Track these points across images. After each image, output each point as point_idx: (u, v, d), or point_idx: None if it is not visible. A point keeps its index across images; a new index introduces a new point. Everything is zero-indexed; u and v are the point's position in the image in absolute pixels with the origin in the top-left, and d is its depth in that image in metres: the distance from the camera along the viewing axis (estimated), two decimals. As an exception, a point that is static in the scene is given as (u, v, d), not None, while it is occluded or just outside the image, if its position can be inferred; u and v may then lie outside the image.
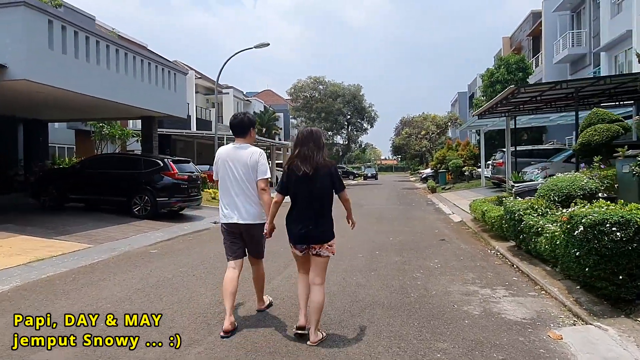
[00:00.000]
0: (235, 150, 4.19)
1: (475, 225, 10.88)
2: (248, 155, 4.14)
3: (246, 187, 4.14)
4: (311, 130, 3.95)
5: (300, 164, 3.79)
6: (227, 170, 4.17)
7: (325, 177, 3.81)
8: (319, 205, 3.82)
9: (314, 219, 3.80)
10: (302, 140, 3.86)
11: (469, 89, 55.13)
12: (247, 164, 4.13)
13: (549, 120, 21.45)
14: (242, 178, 4.14)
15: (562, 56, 24.78)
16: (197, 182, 13.03)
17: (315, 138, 3.87)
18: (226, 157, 4.20)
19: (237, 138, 4.28)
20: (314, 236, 3.81)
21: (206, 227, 11.76)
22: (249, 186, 4.15)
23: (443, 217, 13.73)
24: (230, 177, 4.16)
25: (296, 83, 36.19)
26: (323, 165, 3.82)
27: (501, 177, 19.19)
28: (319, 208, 3.82)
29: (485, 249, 8.04)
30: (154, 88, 13.48)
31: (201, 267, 6.69)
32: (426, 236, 9.67)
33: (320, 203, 3.82)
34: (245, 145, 4.23)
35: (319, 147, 3.84)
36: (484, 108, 14.95)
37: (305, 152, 3.80)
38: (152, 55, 13.55)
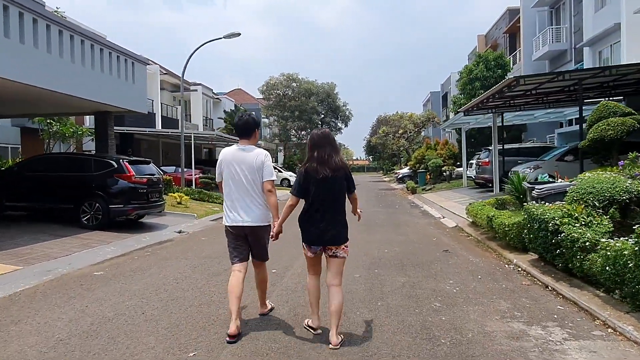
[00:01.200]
0: (240, 152, 4.16)
1: (476, 231, 9.71)
2: (254, 157, 4.12)
3: (252, 188, 4.10)
4: (325, 132, 3.99)
5: (319, 167, 3.79)
6: (232, 172, 4.13)
7: (342, 179, 3.86)
8: (337, 207, 3.86)
9: (331, 221, 3.83)
10: (318, 142, 3.87)
11: (442, 88, 54.82)
12: (253, 166, 4.10)
13: (533, 117, 20.72)
14: (248, 180, 4.10)
15: (542, 52, 24.21)
16: (158, 185, 11.39)
17: (331, 140, 3.92)
18: (231, 158, 4.15)
19: (241, 139, 4.24)
20: (331, 238, 3.83)
21: (169, 237, 10.16)
22: (255, 188, 4.11)
23: (434, 221, 12.55)
24: (235, 179, 4.12)
25: (268, 80, 34.56)
26: (340, 167, 3.84)
27: (487, 177, 18.24)
28: (337, 210, 3.86)
29: (501, 263, 6.82)
30: (109, 78, 11.74)
31: (155, 299, 5.16)
32: (425, 246, 8.41)
33: (337, 205, 3.87)
34: (250, 147, 4.20)
35: (335, 150, 3.89)
36: (475, 102, 13.88)
37: (323, 155, 3.81)
38: (105, 41, 11.80)
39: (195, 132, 20.69)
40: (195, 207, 15.36)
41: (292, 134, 39.25)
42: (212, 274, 6.34)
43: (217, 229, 11.67)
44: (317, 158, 3.84)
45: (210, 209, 15.57)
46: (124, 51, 12.39)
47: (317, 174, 3.80)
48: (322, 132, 4.00)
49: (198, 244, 9.34)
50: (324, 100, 38.93)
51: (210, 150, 35.44)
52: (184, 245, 9.23)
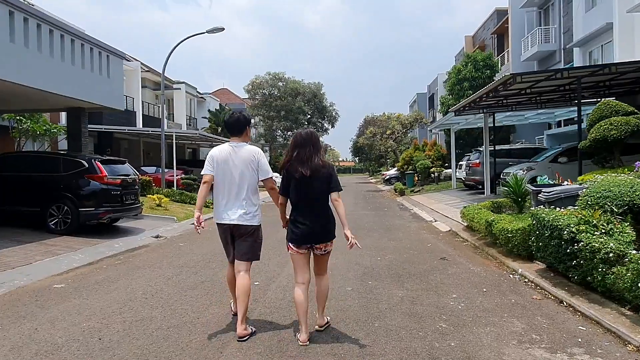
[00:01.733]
0: (233, 150, 4.10)
1: (472, 236, 9.18)
2: (248, 155, 4.08)
3: (244, 187, 4.06)
4: (309, 132, 3.97)
5: (299, 166, 3.80)
6: (224, 170, 4.07)
7: (324, 178, 3.84)
8: (320, 206, 3.86)
9: (318, 220, 3.84)
10: (301, 142, 3.88)
11: (428, 90, 54.63)
12: (248, 164, 4.06)
13: (523, 118, 20.40)
14: (241, 178, 4.06)
15: (531, 53, 23.96)
16: (134, 187, 10.63)
17: (314, 140, 3.91)
18: (226, 156, 4.09)
19: (232, 137, 4.19)
20: (320, 236, 3.87)
21: (144, 243, 9.43)
22: (247, 186, 4.07)
23: (426, 225, 12.01)
24: (228, 177, 4.07)
25: (254, 79, 33.74)
26: (322, 167, 3.83)
27: (478, 178, 17.82)
28: (321, 208, 3.87)
29: (505, 273, 6.27)
30: (81, 72, 10.93)
31: (117, 320, 4.46)
32: (420, 253, 7.83)
33: (321, 203, 3.86)
34: (242, 144, 4.15)
35: (317, 149, 3.88)
36: (468, 101, 13.40)
37: (303, 155, 3.82)
38: (77, 32, 10.98)
39: (177, 131, 19.87)
40: (175, 209, 14.60)
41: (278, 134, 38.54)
42: (187, 288, 5.66)
43: (196, 233, 10.95)
44: (297, 157, 3.84)
45: (191, 211, 14.80)
46: (98, 43, 11.59)
47: (295, 172, 3.81)
48: (306, 132, 3.98)
49: (175, 250, 8.63)
50: (311, 100, 38.29)
51: (194, 150, 34.54)
52: (159, 251, 8.51)
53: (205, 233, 11.50)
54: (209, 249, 8.60)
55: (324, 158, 3.95)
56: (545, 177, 8.58)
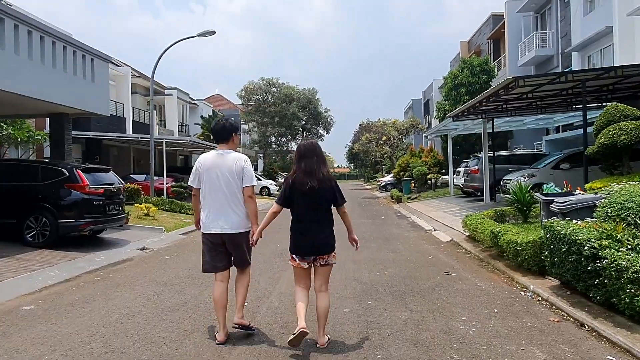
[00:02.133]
0: (219, 157, 4.09)
1: (475, 247, 8.71)
2: (233, 162, 4.06)
3: (231, 194, 4.04)
4: (313, 144, 4.00)
5: (306, 178, 3.80)
6: (210, 177, 4.05)
7: (329, 190, 3.87)
8: (325, 217, 3.90)
9: (322, 231, 3.85)
10: (305, 153, 3.89)
11: (423, 96, 54.38)
12: (233, 171, 4.04)
13: (522, 124, 20.05)
14: (227, 185, 4.03)
15: (528, 58, 23.69)
16: (118, 196, 10.08)
17: (318, 151, 3.94)
18: (210, 164, 4.08)
19: (219, 144, 4.18)
20: (324, 247, 3.86)
21: (128, 256, 8.87)
22: (234, 194, 4.05)
23: (425, 234, 11.53)
24: (214, 184, 4.04)
25: (247, 85, 33.24)
26: (327, 179, 3.84)
27: (476, 185, 17.41)
28: (325, 220, 3.90)
29: (515, 290, 5.79)
30: (63, 76, 10.42)
31: (85, 352, 3.92)
32: (422, 267, 7.34)
33: (325, 215, 3.90)
34: (229, 151, 4.14)
35: (322, 161, 3.92)
36: (467, 106, 12.99)
37: (310, 166, 3.83)
38: (58, 34, 10.46)
39: (168, 138, 19.31)
40: (164, 219, 14.03)
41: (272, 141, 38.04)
42: (168, 309, 5.13)
43: (185, 245, 10.42)
44: (304, 169, 3.83)
45: (181, 220, 14.26)
46: (81, 46, 11.08)
47: (303, 185, 3.79)
48: (309, 143, 3.98)
49: (160, 264, 8.09)
50: (305, 106, 37.85)
51: (186, 157, 33.96)
52: (143, 266, 7.96)
53: (194, 245, 11.00)
54: (196, 263, 8.02)
55: (328, 169, 3.97)
56: (552, 185, 8.14)
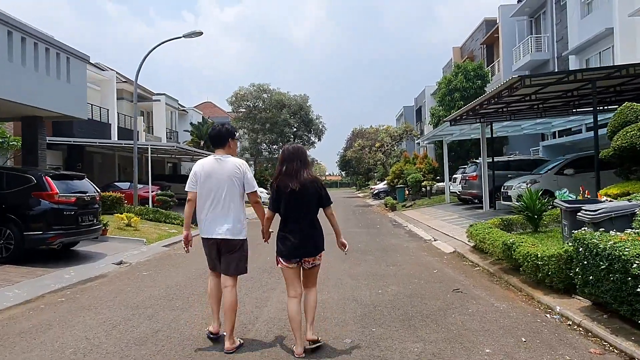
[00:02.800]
0: (217, 162, 4.06)
1: (482, 259, 8.00)
2: (232, 167, 4.03)
3: (231, 200, 4.01)
4: (297, 147, 4.04)
5: (287, 180, 3.84)
6: (209, 183, 4.02)
7: (312, 193, 3.88)
8: (309, 220, 3.90)
9: (306, 234, 3.87)
10: (288, 157, 3.93)
11: (415, 102, 54.01)
12: (232, 177, 4.01)
13: (519, 129, 19.52)
14: (226, 190, 4.00)
15: (523, 62, 23.25)
16: (93, 206, 9.23)
17: (301, 155, 3.97)
18: (209, 169, 4.04)
19: (216, 150, 4.14)
20: (308, 250, 3.88)
21: (102, 272, 8.03)
22: (232, 199, 4.02)
23: (425, 245, 10.80)
24: (212, 190, 4.01)
25: (237, 91, 32.45)
26: (310, 181, 3.88)
27: (475, 192, 16.76)
28: (310, 222, 3.90)
29: (537, 311, 5.06)
30: (35, 76, 9.63)
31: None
32: (428, 283, 6.60)
33: (309, 218, 3.90)
34: (226, 156, 4.10)
35: (304, 164, 3.94)
36: (467, 108, 12.37)
37: (292, 169, 3.86)
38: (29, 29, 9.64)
39: (153, 144, 18.45)
40: (147, 229, 13.16)
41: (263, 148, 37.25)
42: (134, 342, 4.31)
43: (166, 258, 9.58)
44: (286, 172, 3.87)
45: (165, 231, 13.40)
46: (55, 44, 10.29)
47: (285, 187, 3.83)
48: (293, 147, 4.03)
49: (136, 281, 7.26)
50: (297, 112, 37.16)
51: (175, 165, 33.05)
52: (117, 283, 7.13)
53: (176, 258, 10.16)
54: (176, 279, 7.25)
55: (312, 172, 3.98)
56: (566, 190, 7.49)
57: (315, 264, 3.95)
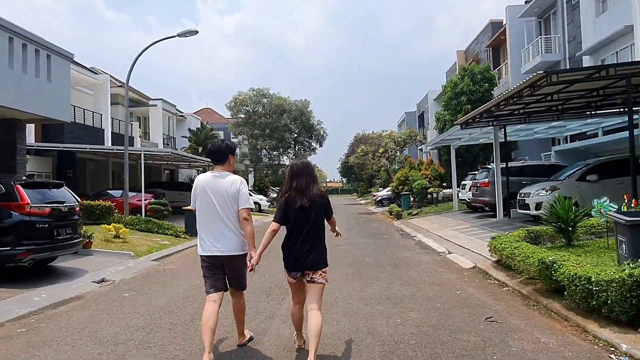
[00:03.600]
0: (214, 179, 4.10)
1: (508, 277, 7.05)
2: (228, 184, 4.06)
3: (226, 216, 4.04)
4: (305, 163, 4.13)
5: (297, 196, 3.93)
6: (206, 199, 4.07)
7: (320, 208, 3.99)
8: (315, 235, 3.95)
9: (309, 248, 3.90)
10: (297, 172, 4.01)
11: (418, 108, 53.23)
12: (228, 193, 4.05)
13: (532, 133, 18.61)
14: (223, 207, 4.04)
15: (533, 64, 22.36)
16: (71, 217, 8.28)
17: (310, 170, 4.06)
18: (205, 185, 4.08)
19: (215, 166, 4.19)
20: (308, 263, 3.91)
21: (78, 292, 7.08)
22: (230, 216, 4.05)
23: (440, 258, 9.84)
24: (209, 206, 4.05)
25: (237, 95, 31.60)
26: (318, 196, 3.97)
27: (487, 200, 15.81)
28: (315, 237, 3.95)
29: (597, 350, 4.10)
30: (10, 74, 8.73)
31: None
32: (452, 308, 5.64)
33: (316, 232, 3.96)
34: (225, 173, 4.15)
35: (313, 180, 4.02)
36: (483, 109, 11.47)
37: (302, 185, 3.95)
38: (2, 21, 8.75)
39: (147, 149, 17.53)
40: (137, 241, 12.21)
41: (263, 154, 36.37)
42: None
43: (154, 275, 8.63)
44: (296, 188, 3.95)
45: (157, 243, 12.45)
46: (34, 39, 9.42)
47: (294, 203, 3.90)
48: (301, 162, 4.11)
49: (114, 305, 6.30)
50: (298, 118, 36.27)
51: (172, 172, 32.13)
52: (91, 308, 6.17)
53: (165, 275, 9.18)
54: (161, 302, 6.30)
55: (320, 187, 4.05)
56: (606, 199, 6.54)
57: (316, 280, 3.93)
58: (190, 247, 12.71)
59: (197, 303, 6.15)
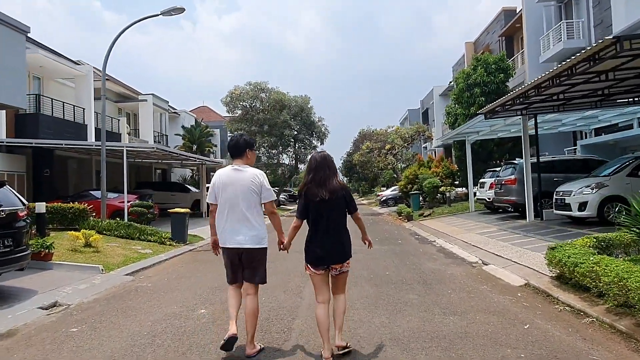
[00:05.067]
0: (234, 172, 4.15)
1: (585, 301, 5.28)
2: (249, 178, 4.10)
3: (247, 209, 4.06)
4: (324, 155, 4.10)
5: (317, 189, 3.92)
6: (227, 194, 4.10)
7: (341, 200, 3.98)
8: (338, 228, 3.97)
9: (334, 241, 3.94)
10: (317, 165, 4.00)
11: (422, 105, 51.60)
12: (250, 187, 4.08)
13: (559, 125, 16.83)
14: (245, 200, 4.06)
15: (553, 52, 20.61)
16: (15, 224, 6.48)
17: (329, 163, 4.05)
18: (226, 179, 4.14)
19: (234, 160, 4.26)
20: (334, 257, 3.95)
21: (12, 326, 5.33)
22: (250, 209, 4.07)
23: (476, 271, 8.05)
24: (232, 200, 4.08)
25: (233, 90, 29.78)
26: (339, 189, 3.97)
27: (513, 199, 14.01)
28: (338, 230, 3.96)
29: None
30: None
31: None
32: (530, 356, 3.85)
33: (339, 225, 3.97)
34: (245, 166, 4.20)
35: (333, 172, 4.03)
36: (522, 92, 9.73)
37: (321, 178, 3.94)
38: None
39: (129, 146, 15.69)
40: (112, 250, 10.41)
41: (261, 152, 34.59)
42: None
43: (122, 297, 6.81)
44: (315, 180, 3.95)
45: (136, 252, 10.65)
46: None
47: (314, 196, 3.91)
48: (320, 155, 4.08)
49: (50, 350, 4.51)
50: (298, 114, 34.40)
51: (164, 171, 30.32)
52: (15, 356, 4.38)
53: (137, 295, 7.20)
54: (117, 344, 4.50)
55: (339, 179, 4.03)
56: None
57: (343, 270, 4.02)
58: (176, 256, 10.94)
59: (164, 347, 4.39)
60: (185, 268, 9.36)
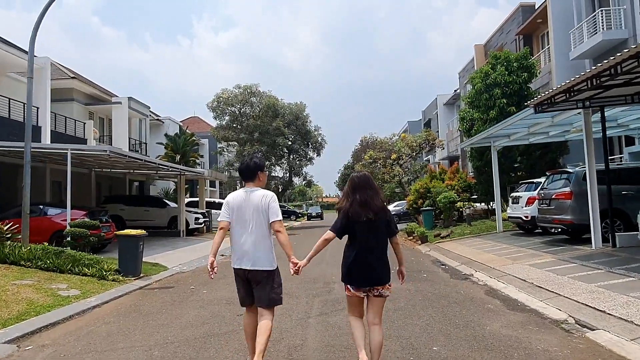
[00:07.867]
0: (246, 194, 4.21)
1: None
2: (259, 199, 4.15)
3: (258, 231, 4.10)
4: (365, 175, 4.12)
5: (361, 209, 3.88)
6: (240, 215, 4.15)
7: (383, 221, 3.93)
8: (381, 248, 3.93)
9: (377, 262, 3.89)
10: (360, 185, 3.99)
11: (423, 116, 48.85)
12: (259, 208, 4.13)
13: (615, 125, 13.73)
14: (254, 222, 4.12)
15: (588, 46, 17.72)
16: None
17: (371, 183, 4.03)
18: (240, 202, 4.18)
19: (246, 183, 4.30)
20: (376, 278, 3.89)
21: None
22: (261, 231, 4.11)
23: (583, 344, 4.83)
24: (241, 221, 4.14)
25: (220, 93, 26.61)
26: (382, 210, 3.94)
27: (568, 219, 10.79)
28: (381, 251, 3.93)
29: None
30: None
31: None
32: None
33: (381, 246, 3.94)
34: (256, 189, 4.24)
35: (376, 192, 4.00)
36: (602, 68, 6.62)
37: (365, 198, 3.91)
38: None
39: (75, 148, 12.33)
40: (16, 292, 7.14)
41: (252, 164, 31.54)
42: None
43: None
44: (359, 201, 3.90)
45: (53, 294, 7.38)
46: None
47: (359, 216, 3.87)
48: (362, 175, 4.11)
49: None
50: (292, 122, 31.41)
51: (142, 184, 27.02)
52: None
53: None
54: None
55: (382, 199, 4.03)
56: None
57: (384, 294, 3.94)
58: (115, 299, 7.68)
59: None
60: (116, 325, 6.14)
